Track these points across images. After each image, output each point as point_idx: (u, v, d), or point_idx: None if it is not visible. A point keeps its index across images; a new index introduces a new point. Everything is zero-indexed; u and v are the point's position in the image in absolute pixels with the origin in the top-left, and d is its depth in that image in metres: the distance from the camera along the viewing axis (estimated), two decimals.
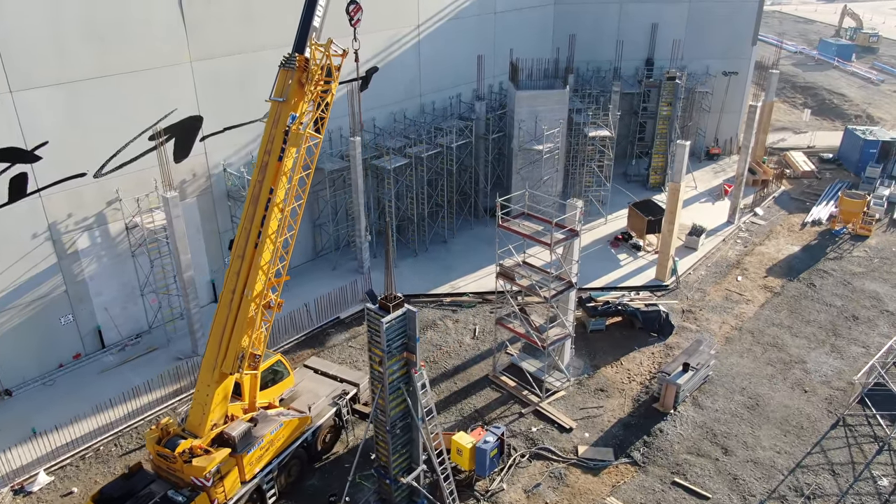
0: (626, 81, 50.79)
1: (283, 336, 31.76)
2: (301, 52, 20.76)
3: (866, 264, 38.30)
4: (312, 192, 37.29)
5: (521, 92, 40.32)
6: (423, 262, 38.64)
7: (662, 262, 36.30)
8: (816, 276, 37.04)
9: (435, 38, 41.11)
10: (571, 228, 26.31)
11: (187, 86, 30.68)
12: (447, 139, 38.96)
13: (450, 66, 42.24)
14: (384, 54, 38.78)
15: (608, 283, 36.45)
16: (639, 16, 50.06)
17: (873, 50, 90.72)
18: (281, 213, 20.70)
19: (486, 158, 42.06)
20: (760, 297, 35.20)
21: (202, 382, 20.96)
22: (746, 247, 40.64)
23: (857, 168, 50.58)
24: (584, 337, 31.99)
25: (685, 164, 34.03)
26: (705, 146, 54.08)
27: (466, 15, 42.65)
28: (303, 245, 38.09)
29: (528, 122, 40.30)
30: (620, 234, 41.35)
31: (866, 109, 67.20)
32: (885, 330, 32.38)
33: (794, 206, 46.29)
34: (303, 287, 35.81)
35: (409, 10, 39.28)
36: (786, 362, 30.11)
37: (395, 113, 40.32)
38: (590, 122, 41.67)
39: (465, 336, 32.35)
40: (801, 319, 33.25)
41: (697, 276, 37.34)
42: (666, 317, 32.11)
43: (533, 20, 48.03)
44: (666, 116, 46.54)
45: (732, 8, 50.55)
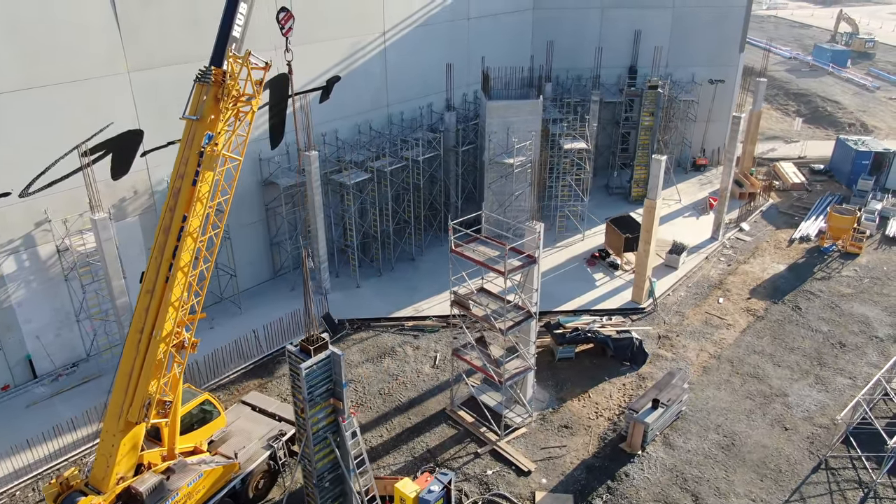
0: (608, 90, 48.84)
1: (229, 365, 29.68)
2: (218, 64, 18.71)
3: (856, 285, 36.21)
4: (269, 208, 35.31)
5: (492, 102, 38.24)
6: (388, 283, 36.56)
7: (638, 283, 34.21)
8: (802, 298, 34.95)
9: (402, 46, 39.10)
10: (529, 254, 24.23)
11: (125, 97, 28.64)
12: (413, 152, 36.93)
13: (419, 74, 40.22)
14: (347, 63, 36.76)
15: (581, 306, 34.36)
16: (621, 22, 48.07)
17: (869, 55, 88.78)
18: (195, 243, 18.64)
19: (457, 172, 40.01)
20: (742, 322, 33.11)
21: (107, 431, 18.87)
22: (730, 265, 38.56)
23: (848, 180, 48.52)
24: (552, 366, 29.92)
25: (661, 181, 31.96)
26: (691, 157, 52.05)
27: (437, 21, 40.64)
28: (259, 265, 36.05)
29: (499, 134, 38.22)
30: (597, 251, 39.28)
31: (860, 117, 65.18)
32: (873, 359, 30.27)
33: (783, 220, 44.21)
34: (258, 309, 33.82)
35: (374, 17, 37.27)
36: (766, 395, 28.00)
37: (360, 124, 38.26)
38: (565, 133, 39.58)
39: (425, 365, 30.26)
40: (785, 347, 31.14)
41: (676, 298, 35.24)
42: (639, 344, 30.02)
43: (510, 26, 46.02)
44: (648, 127, 44.52)
45: (719, 13, 48.56)
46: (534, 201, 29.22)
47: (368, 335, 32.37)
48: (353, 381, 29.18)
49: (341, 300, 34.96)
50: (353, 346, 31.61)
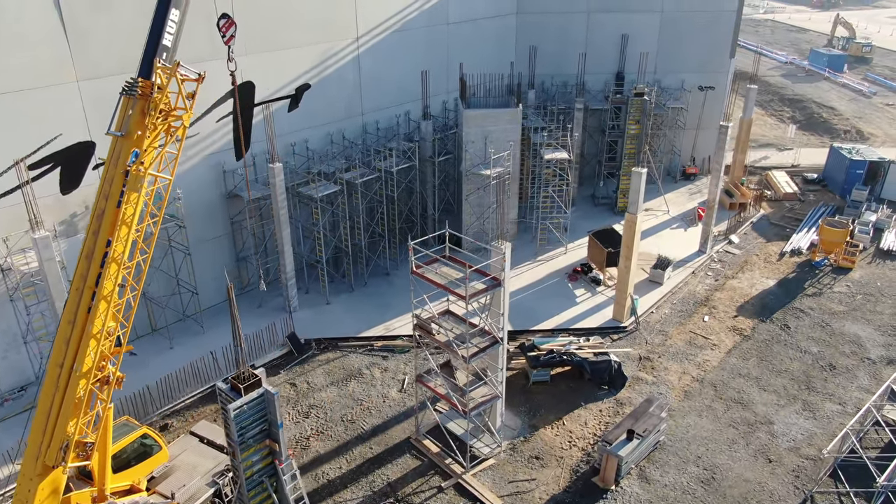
0: (594, 96, 47.41)
1: (185, 389, 28.15)
2: (147, 76, 17.23)
3: (848, 302, 34.66)
4: (235, 222, 33.82)
5: (469, 111, 36.84)
6: (359, 299, 35.05)
7: (620, 301, 32.68)
8: (792, 316, 33.40)
9: (377, 52, 37.65)
10: (494, 277, 22.73)
11: (74, 108, 27.18)
12: (386, 163, 35.44)
13: (395, 81, 38.75)
14: (318, 69, 35.29)
15: (560, 324, 32.83)
16: (608, 26, 46.63)
17: (866, 60, 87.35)
18: (120, 270, 17.12)
19: (434, 183, 38.52)
20: (728, 342, 31.57)
21: (23, 475, 17.34)
22: (717, 280, 37.03)
23: (842, 190, 47.00)
24: (525, 390, 28.40)
25: (642, 194, 30.46)
26: (681, 165, 50.56)
27: (413, 27, 39.18)
28: (223, 281, 34.37)
29: (477, 144, 36.81)
30: (580, 265, 37.76)
31: (856, 124, 63.72)
32: (864, 382, 28.73)
33: (773, 232, 42.68)
34: (223, 328, 32.08)
35: (347, 22, 35.82)
36: (750, 423, 26.45)
37: (333, 133, 36.80)
38: (545, 143, 38.09)
39: (392, 388, 28.73)
40: (772, 369, 29.60)
41: (660, 316, 33.71)
42: (618, 367, 28.48)
43: (492, 31, 44.57)
44: (634, 135, 43.03)
45: (708, 18, 47.10)
46: (500, 217, 27.52)
47: (335, 356, 30.85)
48: (315, 407, 27.66)
49: (309, 318, 33.45)
50: (319, 367, 30.10)
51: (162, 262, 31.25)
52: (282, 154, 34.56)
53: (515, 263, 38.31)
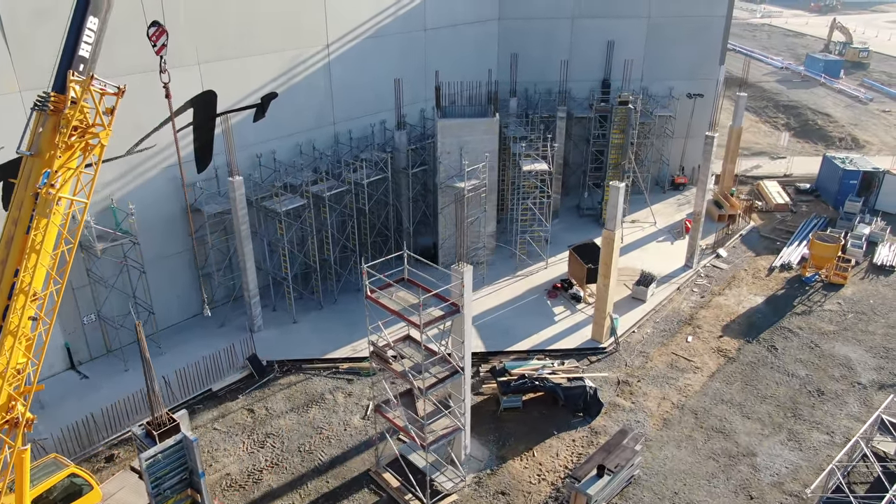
0: (579, 104, 45.97)
1: (134, 416, 26.61)
2: (61, 90, 15.78)
3: (839, 321, 33.12)
4: (196, 237, 32.31)
5: (443, 120, 35.38)
6: (329, 317, 33.52)
7: (598, 321, 31.15)
8: (779, 337, 31.87)
9: (349, 59, 36.18)
10: (453, 302, 21.22)
11: (16, 120, 25.63)
12: (357, 174, 33.97)
13: (369, 89, 37.28)
14: (286, 77, 33.82)
15: (536, 345, 31.30)
16: (593, 32, 45.19)
17: (863, 66, 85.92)
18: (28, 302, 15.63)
19: (409, 195, 37.01)
20: (711, 364, 30.03)
21: None
22: (703, 297, 35.49)
23: (835, 201, 45.50)
24: (495, 417, 26.86)
25: (620, 210, 28.96)
26: (669, 175, 49.09)
27: (388, 33, 37.73)
28: (187, 298, 33.01)
29: (452, 155, 35.34)
30: (560, 282, 36.25)
31: (852, 131, 62.21)
32: (854, 409, 27.18)
33: (763, 245, 41.16)
34: (183, 347, 30.89)
35: (315, 28, 34.35)
36: (732, 455, 24.90)
37: (302, 144, 35.34)
38: (524, 154, 36.60)
39: (355, 415, 27.20)
40: (757, 395, 28.05)
41: (642, 336, 32.18)
42: (593, 393, 26.96)
43: (473, 37, 43.11)
44: (619, 145, 41.54)
45: (697, 24, 45.66)
46: (460, 237, 25.51)
47: (298, 379, 29.34)
48: (272, 436, 26.13)
49: (274, 338, 31.95)
50: (280, 391, 28.58)
51: (117, 280, 29.82)
52: (247, 166, 33.22)
53: (494, 278, 36.90)
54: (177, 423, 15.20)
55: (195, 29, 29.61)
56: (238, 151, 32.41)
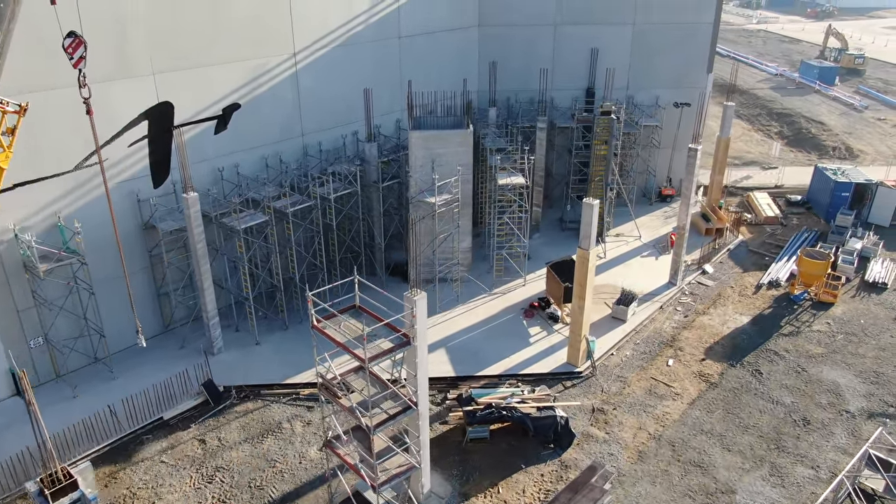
0: (563, 114, 44.56)
1: (77, 448, 25.08)
2: None
3: (827, 343, 31.59)
4: (153, 255, 30.84)
5: (414, 132, 33.93)
6: (293, 338, 31.98)
7: (574, 344, 29.64)
8: (765, 360, 30.34)
9: (318, 68, 34.77)
10: (404, 333, 19.71)
11: None
12: (324, 189, 32.52)
13: (340, 100, 35.85)
14: (249, 87, 32.39)
15: (508, 369, 29.76)
16: (576, 40, 43.82)
17: (859, 72, 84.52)
18: None
19: (380, 210, 35.52)
20: (692, 390, 28.49)
21: None
22: (687, 316, 33.98)
23: (827, 213, 44.01)
24: (462, 448, 25.32)
25: (594, 228, 27.46)
26: (656, 187, 47.65)
27: (360, 41, 36.33)
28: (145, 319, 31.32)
29: (425, 168, 33.88)
30: (537, 300, 34.74)
31: (846, 140, 60.79)
32: (841, 440, 25.63)
33: (752, 261, 39.66)
34: (138, 371, 29.39)
35: (281, 36, 32.95)
36: (709, 493, 23.35)
37: (268, 156, 33.89)
38: (499, 166, 35.13)
39: (312, 446, 25.66)
40: (738, 424, 26.51)
41: (620, 359, 30.66)
42: (564, 423, 25.43)
43: (451, 45, 41.73)
44: (602, 156, 40.05)
45: (684, 32, 44.29)
46: (413, 257, 23.67)
47: (256, 406, 27.81)
48: (221, 470, 24.60)
49: (235, 361, 30.45)
50: (235, 420, 27.05)
51: (66, 302, 28.34)
52: (209, 180, 31.81)
53: (469, 297, 35.38)
54: (74, 480, 13.72)
55: (149, 37, 28.21)
56: (197, 165, 31.12)
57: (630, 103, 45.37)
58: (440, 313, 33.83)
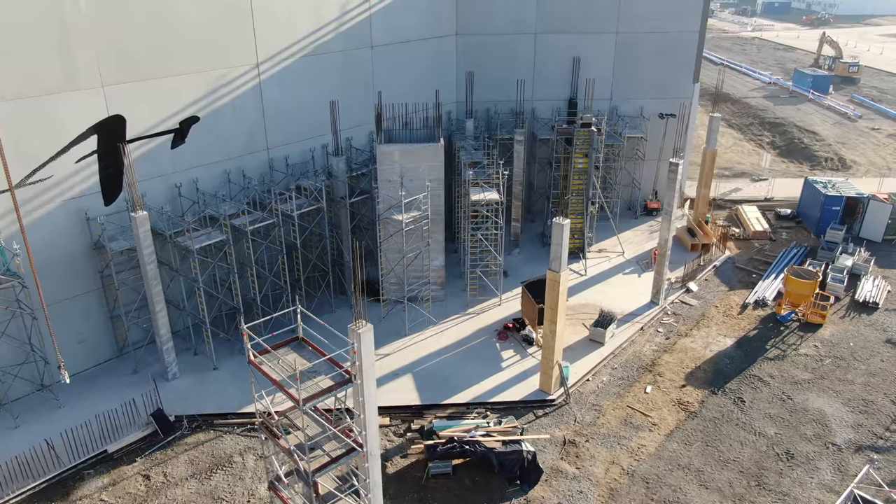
0: (545, 125, 43.17)
1: (13, 485, 23.50)
2: None
3: (815, 367, 30.06)
4: (105, 276, 29.32)
5: (382, 146, 32.50)
6: None
7: (546, 370, 28.10)
8: (748, 387, 28.80)
9: (284, 80, 33.34)
10: (346, 370, 18.17)
11: None
12: (287, 205, 31.06)
13: (307, 112, 34.38)
14: (209, 100, 30.94)
15: (477, 397, 28.20)
16: (558, 49, 42.46)
17: (854, 81, 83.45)
18: None
19: (348, 227, 34.03)
20: (670, 420, 26.94)
21: None
22: (668, 338, 32.45)
23: (817, 228, 42.54)
24: (420, 486, 23.75)
25: (565, 250, 25.97)
26: (642, 199, 46.19)
27: (329, 51, 34.92)
28: (97, 342, 29.98)
29: (393, 183, 32.44)
30: (512, 321, 33.23)
31: (839, 151, 59.43)
32: (826, 477, 24.06)
33: (738, 278, 38.16)
34: (86, 399, 27.86)
35: (243, 46, 31.52)
36: None
37: (230, 171, 32.43)
38: (472, 181, 33.67)
39: (263, 483, 24.09)
40: (718, 458, 24.95)
41: (596, 385, 29.12)
42: (531, 458, 23.88)
43: (428, 55, 40.33)
44: (582, 170, 38.62)
45: (668, 41, 42.94)
46: (353, 285, 21.95)
47: (207, 437, 26.26)
48: None
49: (189, 388, 28.90)
50: (184, 453, 25.49)
51: (8, 326, 26.82)
52: (166, 197, 30.34)
53: (441, 317, 33.86)
54: None
55: (98, 47, 26.78)
56: (153, 181, 29.75)
57: (614, 114, 44.03)
58: (409, 335, 32.32)
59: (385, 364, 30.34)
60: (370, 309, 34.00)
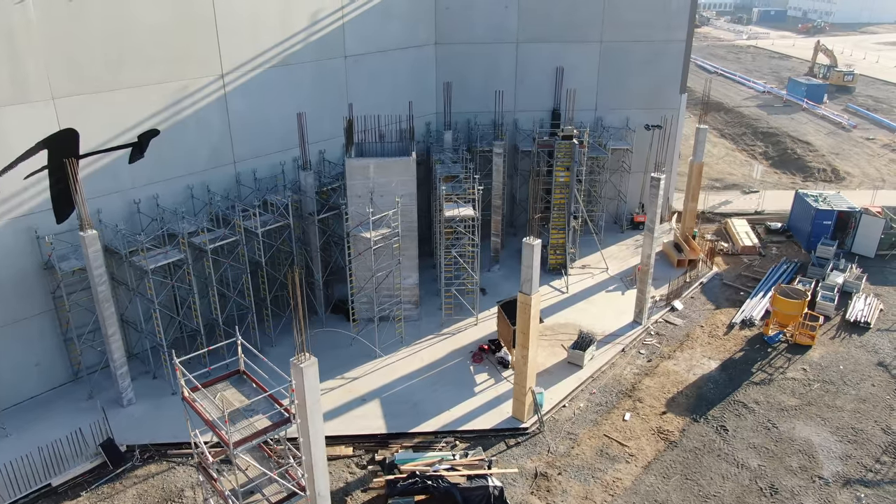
0: (528, 136, 41.91)
1: None
2: None
3: (802, 393, 28.68)
4: (57, 297, 27.95)
5: (352, 160, 31.22)
6: None
7: (518, 396, 26.71)
8: (732, 414, 27.42)
9: (251, 91, 32.08)
10: (286, 409, 16.83)
11: None
12: (251, 222, 29.75)
13: (277, 124, 33.08)
14: (170, 112, 29.65)
15: (446, 425, 26.79)
16: (540, 58, 41.28)
17: (849, 89, 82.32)
18: None
19: (317, 244, 32.70)
20: (649, 451, 25.53)
21: None
22: (650, 361, 31.09)
23: (808, 243, 41.20)
24: None
25: (537, 272, 24.62)
26: (628, 213, 44.91)
27: (299, 61, 33.67)
28: (50, 366, 28.61)
29: (364, 199, 31.15)
30: (487, 342, 31.87)
31: (832, 161, 58.15)
32: None
33: (725, 296, 36.81)
34: (35, 426, 26.52)
35: (206, 56, 30.26)
36: None
37: (194, 186, 31.14)
38: (445, 195, 32.37)
39: None
40: (697, 493, 23.54)
41: (572, 412, 27.73)
42: (498, 494, 22.49)
43: (405, 65, 39.10)
44: (564, 184, 37.33)
45: (654, 50, 41.77)
46: (297, 315, 20.37)
47: (159, 469, 24.84)
48: None
49: (145, 414, 27.50)
50: (134, 486, 24.08)
51: None
52: (124, 214, 29.03)
53: (415, 338, 32.49)
54: None
55: (48, 56, 25.52)
56: (110, 197, 28.51)
57: (599, 125, 42.80)
58: (381, 357, 30.96)
59: (353, 388, 28.99)
60: (342, 328, 32.69)
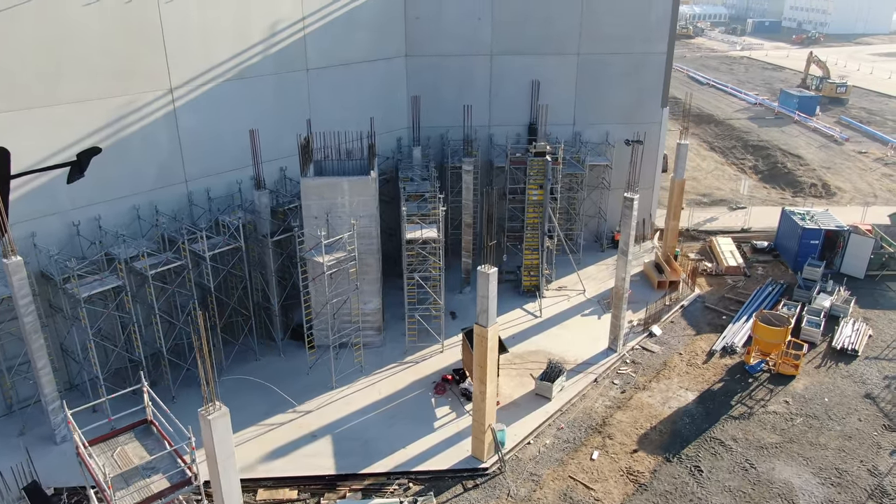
0: (503, 152, 40.24)
1: None
2: None
3: (784, 428, 26.84)
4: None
5: (307, 180, 29.52)
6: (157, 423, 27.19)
7: (477, 434, 24.90)
8: (708, 452, 25.57)
9: (202, 106, 30.45)
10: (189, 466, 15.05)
11: None
12: (198, 245, 28.02)
13: (232, 141, 31.39)
14: (113, 128, 27.99)
15: (400, 465, 24.93)
16: (515, 71, 39.68)
17: (842, 101, 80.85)
18: None
19: (272, 267, 30.96)
20: (616, 494, 23.68)
21: None
22: (624, 392, 29.26)
23: (795, 262, 39.45)
24: None
25: (493, 303, 22.86)
26: (608, 231, 43.18)
27: (257, 74, 32.07)
28: None
29: (320, 220, 29.44)
30: (451, 372, 30.07)
31: (823, 176, 56.54)
32: None
33: (707, 320, 35.03)
34: None
35: (153, 69, 28.62)
36: None
37: (140, 207, 29.42)
38: (407, 217, 30.65)
39: None
40: None
41: (538, 449, 25.89)
42: None
43: (374, 78, 37.47)
44: (537, 202, 35.64)
45: (633, 62, 40.22)
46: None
47: None
48: None
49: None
50: None
51: None
52: (63, 236, 27.31)
53: (376, 367, 30.70)
54: None
55: None
56: (47, 219, 26.81)
57: (577, 140, 41.19)
58: (337, 388, 29.14)
59: (304, 423, 27.15)
60: (299, 356, 30.92)
